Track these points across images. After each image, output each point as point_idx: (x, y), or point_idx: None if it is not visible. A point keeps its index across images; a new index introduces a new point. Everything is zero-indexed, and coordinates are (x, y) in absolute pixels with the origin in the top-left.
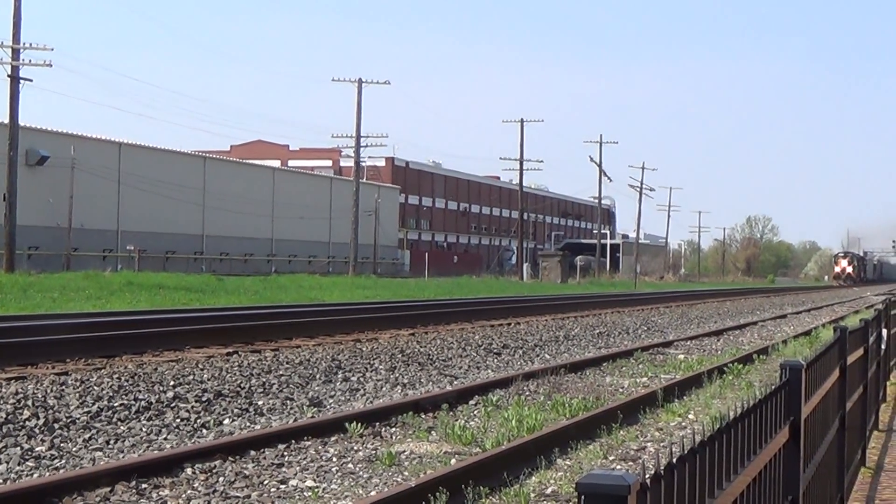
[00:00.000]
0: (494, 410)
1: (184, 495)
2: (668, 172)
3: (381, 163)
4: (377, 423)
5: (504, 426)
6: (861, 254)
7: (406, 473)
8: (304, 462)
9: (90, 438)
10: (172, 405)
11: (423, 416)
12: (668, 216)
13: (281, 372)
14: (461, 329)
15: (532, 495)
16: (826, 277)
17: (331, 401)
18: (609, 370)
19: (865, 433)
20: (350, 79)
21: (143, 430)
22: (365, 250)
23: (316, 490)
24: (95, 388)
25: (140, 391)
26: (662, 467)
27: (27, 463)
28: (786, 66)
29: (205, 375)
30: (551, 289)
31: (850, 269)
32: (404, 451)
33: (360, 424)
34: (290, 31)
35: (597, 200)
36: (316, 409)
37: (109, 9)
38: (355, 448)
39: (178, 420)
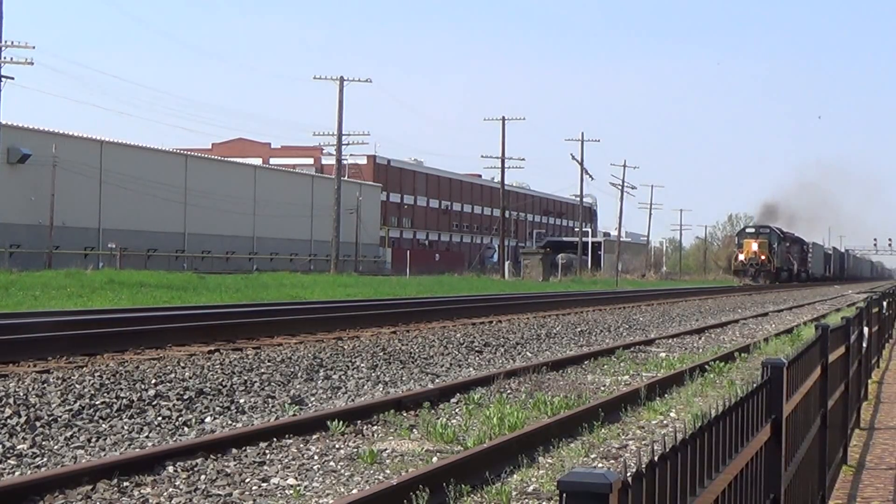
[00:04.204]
0: (476, 408)
1: (165, 493)
2: (649, 170)
3: (363, 161)
4: (359, 422)
5: (486, 424)
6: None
7: (388, 472)
8: (286, 460)
9: (72, 436)
10: (154, 403)
11: (405, 415)
12: (650, 214)
13: (262, 370)
14: (443, 327)
15: (514, 493)
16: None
17: (312, 399)
18: (591, 368)
19: (847, 431)
20: (332, 77)
21: (125, 428)
22: (347, 248)
23: (297, 488)
24: (77, 386)
25: (122, 389)
26: (644, 465)
27: (9, 461)
28: (769, 64)
29: (186, 373)
30: (533, 287)
31: (763, 257)
32: (386, 450)
33: (341, 422)
34: (271, 29)
35: (578, 198)
36: (297, 407)
37: (91, 7)
38: (337, 446)
39: (159, 418)
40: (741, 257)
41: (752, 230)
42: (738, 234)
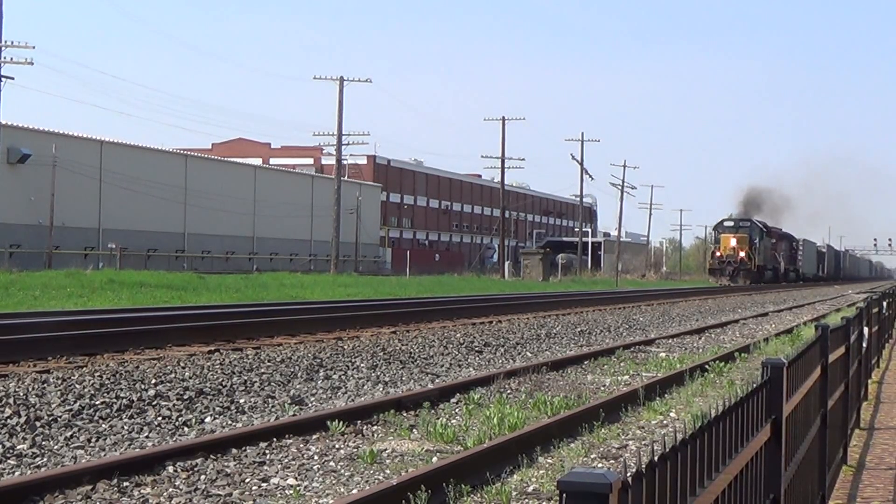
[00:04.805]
0: (476, 409)
1: (165, 493)
2: (649, 170)
3: (363, 161)
4: (359, 422)
5: (485, 424)
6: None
7: (388, 472)
8: (286, 460)
9: (72, 436)
10: (154, 403)
11: (405, 415)
12: (650, 214)
13: (262, 370)
14: (443, 327)
15: (514, 493)
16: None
17: (312, 399)
18: (591, 368)
19: (847, 431)
20: (331, 77)
21: (125, 428)
22: (346, 248)
23: (297, 488)
24: (77, 386)
25: (121, 389)
26: (644, 465)
27: (8, 461)
28: (769, 64)
29: (186, 373)
30: (533, 287)
31: (743, 254)
32: (386, 450)
33: (341, 422)
34: (271, 29)
35: (578, 198)
36: (297, 407)
37: (91, 7)
38: (337, 446)
39: (159, 418)
40: (717, 254)
41: (731, 223)
42: (714, 228)
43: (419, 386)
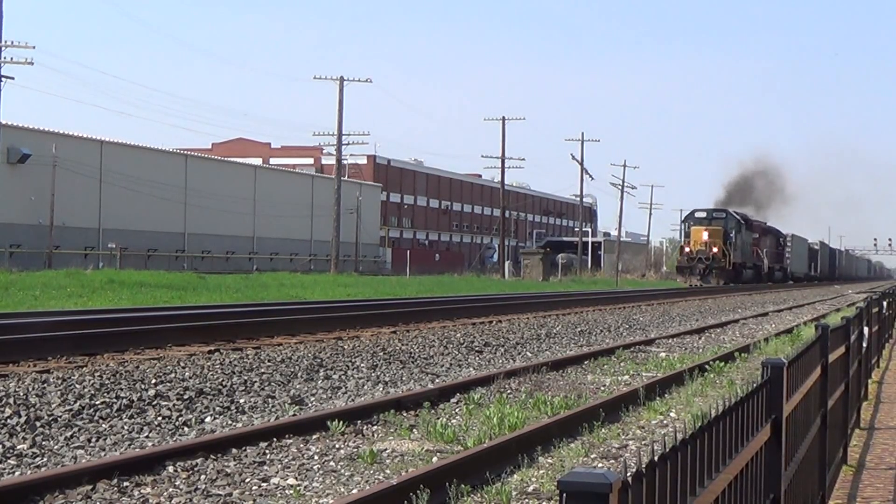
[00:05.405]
0: (476, 408)
1: (165, 493)
2: (649, 170)
3: (363, 161)
4: (359, 422)
5: (486, 424)
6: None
7: (388, 472)
8: (286, 460)
9: (72, 436)
10: (154, 403)
11: (405, 415)
12: (650, 214)
13: (262, 370)
14: (443, 327)
15: (514, 493)
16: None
17: (312, 399)
18: (591, 368)
19: (847, 431)
20: (332, 77)
21: (125, 428)
22: (347, 248)
23: (297, 488)
24: (77, 386)
25: (122, 389)
26: (644, 465)
27: (9, 461)
28: (770, 64)
29: (186, 373)
30: (533, 287)
31: (716, 249)
32: (386, 450)
33: (341, 422)
34: (271, 29)
35: (578, 198)
36: (297, 407)
37: (91, 7)
38: (337, 446)
39: (159, 418)
40: (686, 249)
41: (703, 214)
42: (684, 220)
43: (419, 386)
